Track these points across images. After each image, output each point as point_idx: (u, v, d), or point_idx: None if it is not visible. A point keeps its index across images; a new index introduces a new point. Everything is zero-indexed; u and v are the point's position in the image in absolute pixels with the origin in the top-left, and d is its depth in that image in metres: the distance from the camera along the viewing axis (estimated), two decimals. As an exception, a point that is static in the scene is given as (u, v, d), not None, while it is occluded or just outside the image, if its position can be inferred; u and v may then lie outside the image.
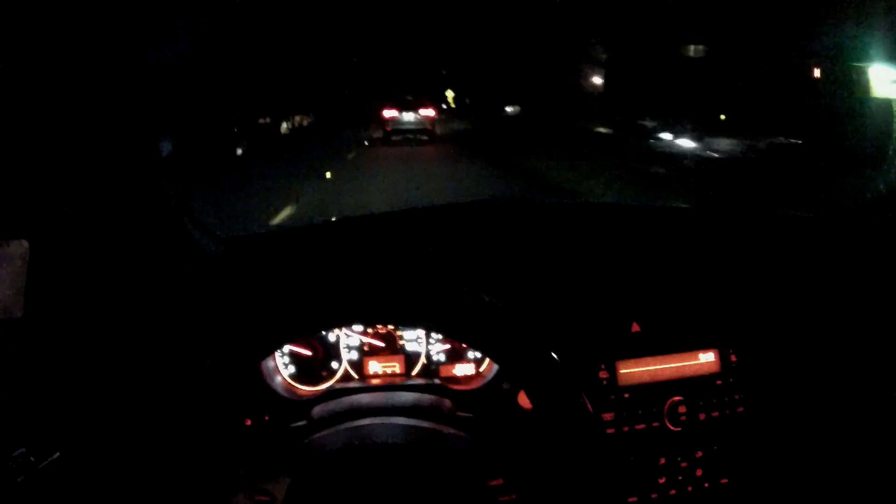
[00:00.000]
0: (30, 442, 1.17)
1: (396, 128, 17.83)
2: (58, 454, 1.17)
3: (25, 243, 1.44)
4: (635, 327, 1.34)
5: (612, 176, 9.55)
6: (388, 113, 17.92)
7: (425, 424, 1.20)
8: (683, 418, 1.32)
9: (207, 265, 1.41)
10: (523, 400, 1.32)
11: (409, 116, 17.76)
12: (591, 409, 1.04)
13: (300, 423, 1.32)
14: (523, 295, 1.32)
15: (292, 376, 1.43)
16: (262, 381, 1.38)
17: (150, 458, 1.15)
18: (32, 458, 1.16)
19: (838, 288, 1.44)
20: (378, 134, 17.89)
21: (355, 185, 10.28)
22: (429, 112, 17.74)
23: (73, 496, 1.18)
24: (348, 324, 1.39)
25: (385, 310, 1.11)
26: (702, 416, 1.33)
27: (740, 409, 1.35)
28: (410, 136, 17.81)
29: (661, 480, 1.31)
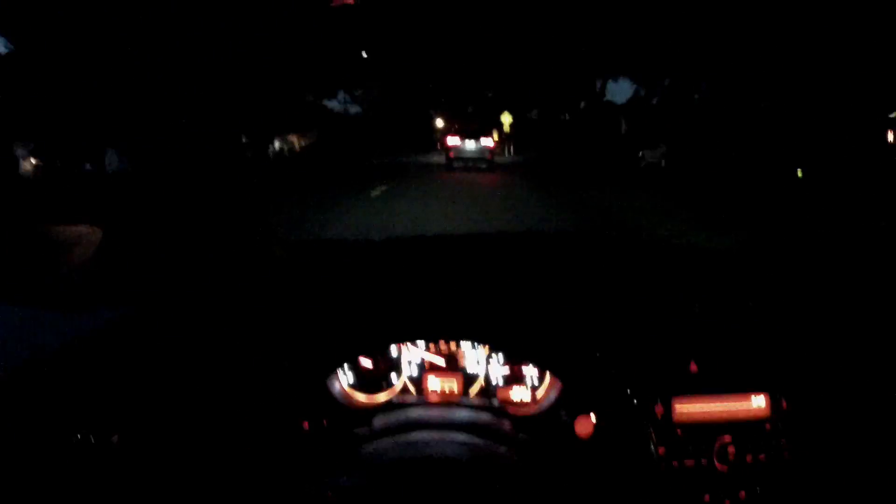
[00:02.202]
0: (90, 424, 1.22)
1: (459, 155, 18.27)
2: (117, 437, 1.22)
3: (99, 230, 1.51)
4: (693, 367, 1.37)
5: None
6: (452, 141, 18.32)
7: (483, 443, 1.24)
8: (731, 458, 1.35)
9: (276, 268, 1.45)
10: (580, 428, 1.35)
11: (471, 145, 18.11)
12: (655, 441, 1.08)
13: (361, 431, 1.36)
14: (591, 324, 1.36)
15: (351, 385, 1.47)
16: (321, 388, 1.42)
17: (209, 451, 1.19)
18: (92, 439, 1.21)
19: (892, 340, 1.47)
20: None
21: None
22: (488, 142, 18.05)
23: (130, 481, 1.22)
24: (412, 340, 1.43)
25: (452, 327, 1.15)
26: (748, 458, 1.36)
27: (786, 454, 1.38)
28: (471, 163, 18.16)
29: None
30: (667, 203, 11.18)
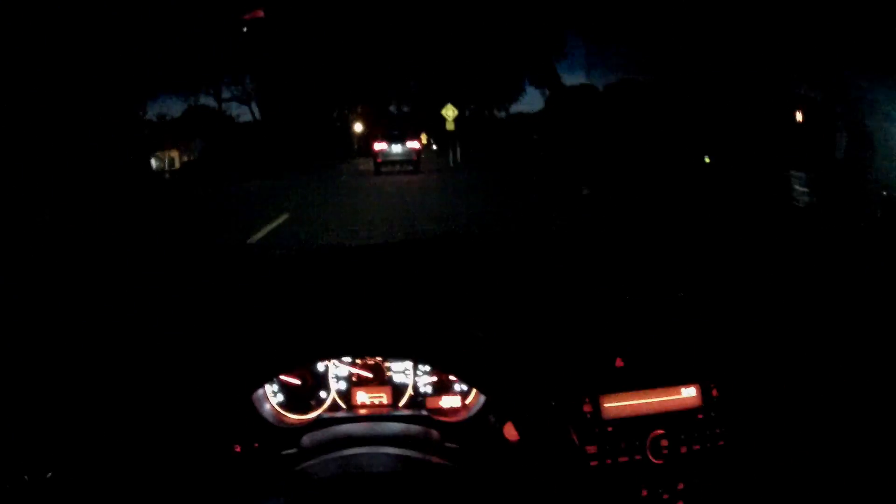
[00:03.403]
0: (22, 461, 1.18)
1: (386, 159, 18.49)
2: (50, 474, 1.18)
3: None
4: (619, 362, 1.37)
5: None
6: (378, 146, 18.47)
7: (414, 454, 1.22)
8: (665, 451, 1.34)
9: (199, 293, 1.42)
10: (509, 432, 1.34)
11: (397, 148, 18.35)
12: (577, 442, 1.07)
13: (291, 451, 1.33)
14: (509, 329, 1.35)
15: (281, 404, 1.45)
16: (251, 409, 1.40)
17: (142, 479, 1.16)
18: (26, 477, 1.17)
19: (818, 321, 1.48)
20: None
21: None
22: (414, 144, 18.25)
23: None
24: (338, 356, 1.41)
25: (376, 343, 1.14)
26: (683, 450, 1.35)
27: (721, 443, 1.38)
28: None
29: None
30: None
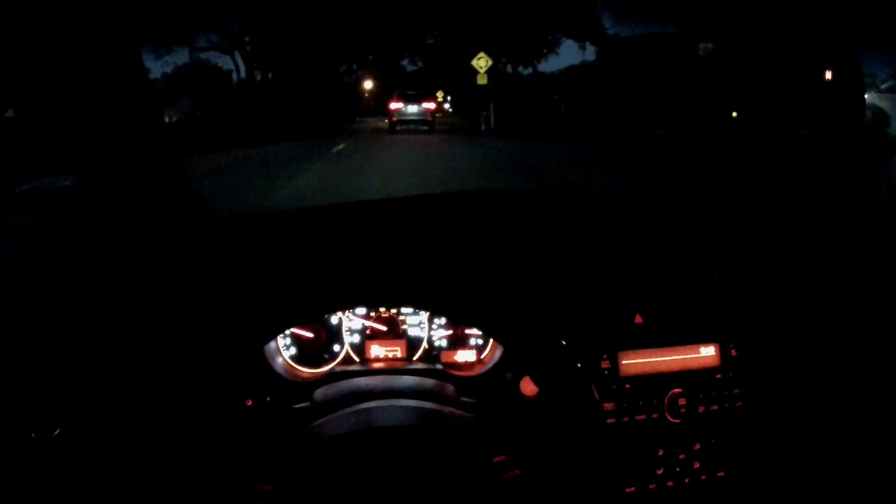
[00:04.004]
0: (31, 418, 1.17)
1: (401, 118, 18.91)
2: (59, 430, 1.18)
3: (27, 219, 1.44)
4: (638, 319, 1.34)
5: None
6: (394, 105, 18.83)
7: (429, 406, 1.21)
8: (683, 410, 1.33)
9: (209, 245, 1.40)
10: (526, 388, 1.32)
11: (412, 108, 18.74)
12: (597, 398, 1.05)
13: (302, 405, 1.32)
14: (530, 283, 1.33)
15: (293, 358, 1.44)
16: (263, 362, 1.39)
17: (152, 436, 1.15)
18: (33, 435, 1.17)
19: (840, 284, 1.45)
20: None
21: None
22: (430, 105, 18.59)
23: (74, 473, 1.18)
24: (352, 307, 1.39)
25: (392, 294, 1.11)
26: (701, 409, 1.34)
27: (739, 404, 1.36)
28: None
29: (659, 471, 1.32)
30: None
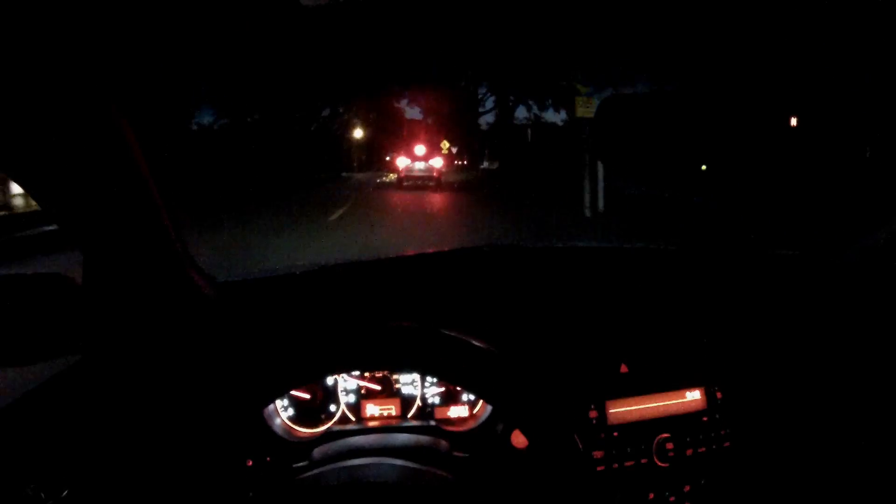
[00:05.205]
0: (40, 479, 1.20)
1: (409, 174, 20.26)
2: (67, 492, 1.21)
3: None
4: (623, 368, 1.39)
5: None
6: (402, 162, 20.14)
7: (421, 465, 1.24)
8: (671, 454, 1.36)
9: (207, 309, 1.44)
10: (516, 440, 1.36)
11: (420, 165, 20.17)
12: (581, 447, 1.09)
13: (302, 464, 1.35)
14: (515, 338, 1.37)
15: (291, 418, 1.47)
16: (262, 424, 1.42)
17: (157, 497, 1.18)
18: (43, 495, 1.20)
19: (821, 325, 1.50)
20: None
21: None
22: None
23: None
24: (347, 370, 1.44)
25: (384, 357, 1.16)
26: (689, 452, 1.37)
27: (726, 444, 1.40)
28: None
29: None
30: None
